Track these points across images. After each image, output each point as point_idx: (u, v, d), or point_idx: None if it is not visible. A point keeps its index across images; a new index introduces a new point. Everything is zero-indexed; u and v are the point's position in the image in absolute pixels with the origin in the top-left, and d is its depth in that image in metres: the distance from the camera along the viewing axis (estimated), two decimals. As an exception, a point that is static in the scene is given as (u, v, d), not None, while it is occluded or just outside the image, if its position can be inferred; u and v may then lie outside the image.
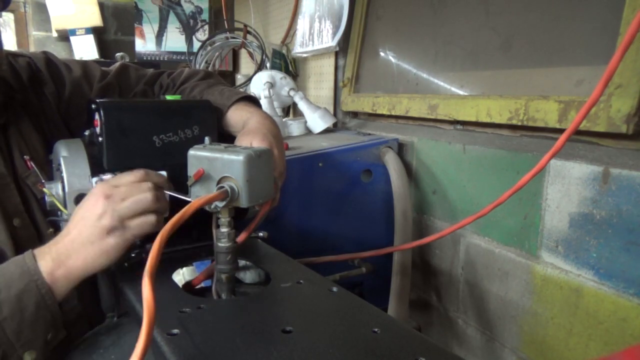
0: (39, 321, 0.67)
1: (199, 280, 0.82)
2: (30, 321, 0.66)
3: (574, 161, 0.95)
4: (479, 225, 1.19)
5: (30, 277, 0.66)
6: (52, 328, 0.69)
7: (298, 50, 2.03)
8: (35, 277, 0.66)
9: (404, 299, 1.27)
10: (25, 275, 0.66)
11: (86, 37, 2.87)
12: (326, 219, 1.34)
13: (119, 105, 0.85)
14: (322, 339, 0.59)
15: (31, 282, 0.66)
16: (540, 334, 1.04)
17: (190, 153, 0.71)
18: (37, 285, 0.66)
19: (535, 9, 1.09)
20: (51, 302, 0.67)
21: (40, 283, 0.66)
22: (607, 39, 0.91)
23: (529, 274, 1.06)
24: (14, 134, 0.87)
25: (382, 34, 1.67)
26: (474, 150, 1.19)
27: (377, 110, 1.58)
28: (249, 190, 0.67)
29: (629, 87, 0.84)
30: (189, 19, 3.10)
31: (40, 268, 0.67)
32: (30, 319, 0.66)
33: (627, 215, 0.85)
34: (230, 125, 0.96)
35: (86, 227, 0.68)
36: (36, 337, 0.67)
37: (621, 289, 0.87)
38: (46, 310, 0.67)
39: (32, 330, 0.66)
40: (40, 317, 0.67)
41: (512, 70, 1.16)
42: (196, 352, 0.55)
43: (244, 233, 0.80)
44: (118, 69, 1.07)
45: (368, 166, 1.38)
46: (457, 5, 1.33)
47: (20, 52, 0.98)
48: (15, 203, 0.83)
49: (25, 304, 0.65)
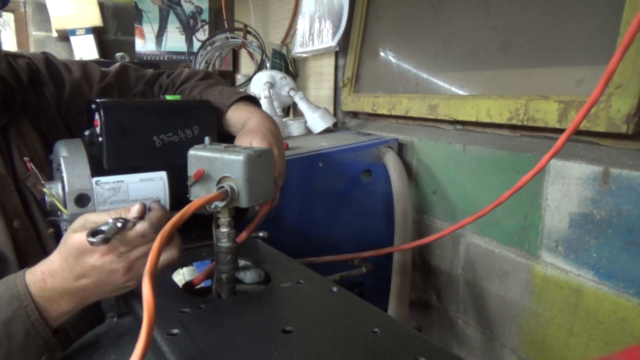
0: (29, 347, 0.64)
1: (199, 280, 0.82)
2: (19, 347, 0.63)
3: (574, 161, 0.95)
4: (479, 225, 1.19)
5: (19, 303, 0.63)
6: (45, 352, 0.66)
7: (298, 50, 2.03)
8: (25, 303, 0.63)
9: (404, 299, 1.27)
10: (14, 300, 0.63)
11: (86, 37, 2.87)
12: (326, 219, 1.34)
13: (119, 105, 0.85)
14: (322, 339, 0.59)
15: (20, 307, 0.63)
16: (540, 334, 1.04)
17: (190, 153, 0.71)
18: (27, 311, 0.63)
19: (535, 9, 1.09)
20: (42, 328, 0.64)
21: (30, 309, 0.63)
22: (607, 39, 0.91)
23: (529, 274, 1.06)
24: (14, 135, 0.87)
25: (382, 34, 1.67)
26: (474, 150, 1.19)
27: (377, 110, 1.58)
28: (249, 190, 0.67)
29: (629, 87, 0.84)
30: (189, 19, 3.10)
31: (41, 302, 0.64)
32: (19, 346, 0.63)
33: (627, 215, 0.85)
34: (230, 125, 0.96)
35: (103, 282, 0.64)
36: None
37: (621, 289, 0.87)
38: (37, 336, 0.64)
39: (22, 356, 0.63)
40: (31, 343, 0.64)
41: (512, 70, 1.16)
42: (196, 352, 0.55)
43: (244, 233, 0.80)
44: (118, 69, 1.07)
45: (368, 166, 1.38)
46: (457, 5, 1.33)
47: (20, 53, 0.98)
48: (15, 204, 0.83)
49: (14, 330, 0.62)
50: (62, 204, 0.76)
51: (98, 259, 0.62)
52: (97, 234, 0.58)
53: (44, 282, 0.64)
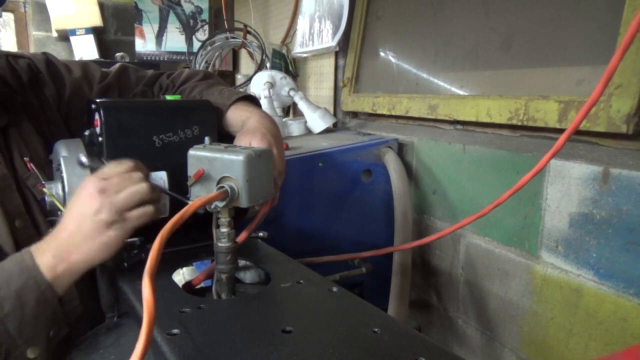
0: (39, 317, 0.67)
1: (199, 280, 0.82)
2: (31, 317, 0.66)
3: (574, 161, 0.95)
4: (479, 225, 1.19)
5: (29, 274, 0.66)
6: (53, 324, 0.69)
7: (298, 50, 2.03)
8: (34, 274, 0.67)
9: (404, 299, 1.27)
10: (24, 272, 0.66)
11: (86, 37, 2.87)
12: (326, 219, 1.34)
13: (119, 105, 0.86)
14: (322, 339, 0.59)
15: (30, 278, 0.66)
16: (540, 334, 1.04)
17: (190, 153, 0.71)
18: (37, 281, 0.66)
19: (535, 9, 1.09)
20: (51, 297, 0.68)
21: (40, 279, 0.67)
22: (607, 39, 0.91)
23: (529, 274, 1.06)
24: (15, 135, 0.87)
25: (382, 34, 1.67)
26: (474, 150, 1.19)
27: (377, 110, 1.58)
28: (249, 190, 0.68)
29: (629, 87, 0.84)
30: (189, 19, 3.10)
31: (40, 265, 0.67)
32: (31, 315, 0.66)
33: (627, 215, 0.85)
34: (230, 125, 0.96)
35: (85, 222, 0.68)
36: (38, 333, 0.67)
37: (621, 289, 0.87)
38: (46, 305, 0.67)
39: (34, 326, 0.66)
40: (41, 313, 0.67)
41: (512, 70, 1.16)
42: (196, 352, 0.55)
43: (244, 233, 0.80)
44: (118, 69, 1.07)
45: (368, 166, 1.38)
46: (457, 5, 1.33)
47: (20, 54, 0.98)
48: (16, 204, 0.84)
49: (26, 300, 0.65)
50: (62, 204, 0.77)
51: (86, 196, 0.68)
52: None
53: (47, 244, 0.69)
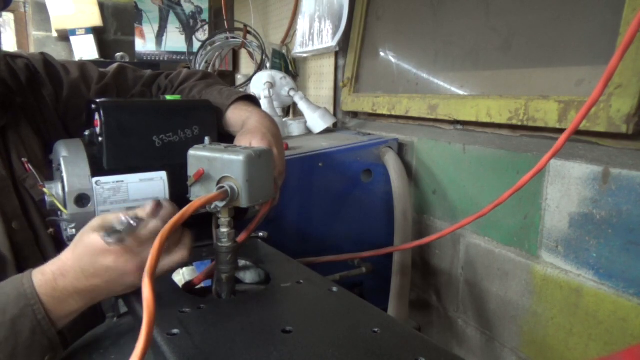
0: (34, 346, 0.64)
1: (199, 280, 0.82)
2: (25, 346, 0.63)
3: (574, 161, 0.94)
4: (479, 225, 1.19)
5: (26, 301, 0.63)
6: (49, 351, 0.66)
7: (298, 50, 2.03)
8: (32, 302, 0.63)
9: (404, 299, 1.27)
10: (21, 298, 0.63)
11: (86, 37, 2.87)
12: (326, 219, 1.34)
13: (119, 105, 0.85)
14: (322, 339, 0.59)
15: (27, 306, 0.63)
16: (540, 334, 1.04)
17: (190, 153, 0.71)
18: (34, 310, 0.63)
19: (535, 9, 1.09)
20: (48, 327, 0.64)
21: (37, 308, 0.63)
22: (607, 39, 0.91)
23: (529, 274, 1.06)
24: (13, 136, 0.87)
25: (382, 34, 1.67)
26: (474, 150, 1.19)
27: (377, 110, 1.58)
28: (249, 190, 0.67)
29: (629, 87, 0.84)
30: (189, 19, 3.10)
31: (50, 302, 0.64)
32: (25, 344, 0.63)
33: (627, 215, 0.85)
34: (230, 125, 0.96)
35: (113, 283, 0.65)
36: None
37: (621, 289, 0.87)
38: (42, 335, 0.64)
39: (27, 355, 0.63)
40: (36, 342, 0.64)
41: (512, 70, 1.16)
42: (196, 352, 0.55)
43: (244, 233, 0.80)
44: (115, 70, 1.06)
45: (368, 166, 1.38)
46: (457, 5, 1.33)
47: (18, 54, 0.98)
48: (14, 206, 0.83)
49: (20, 329, 0.62)
50: (62, 204, 0.76)
51: (113, 261, 0.63)
52: (112, 234, 0.59)
53: (55, 282, 0.64)
